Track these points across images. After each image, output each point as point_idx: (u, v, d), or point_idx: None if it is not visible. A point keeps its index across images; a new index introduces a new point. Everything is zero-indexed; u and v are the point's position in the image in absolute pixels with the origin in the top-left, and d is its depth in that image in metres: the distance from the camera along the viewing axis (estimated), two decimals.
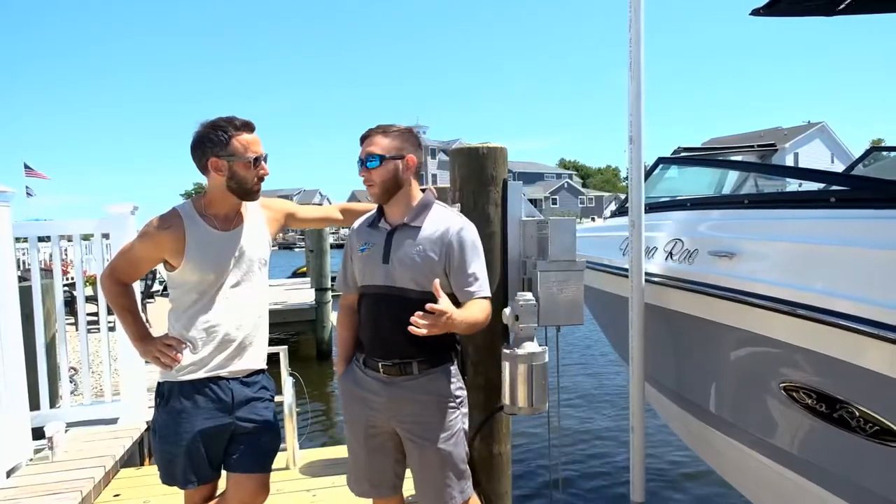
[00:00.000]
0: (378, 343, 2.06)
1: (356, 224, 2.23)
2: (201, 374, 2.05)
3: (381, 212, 2.13)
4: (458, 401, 2.12)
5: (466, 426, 2.17)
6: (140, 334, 2.09)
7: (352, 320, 2.21)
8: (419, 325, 1.73)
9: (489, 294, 2.07)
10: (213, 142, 2.00)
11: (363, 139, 2.06)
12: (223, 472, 2.16)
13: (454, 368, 2.14)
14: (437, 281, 1.85)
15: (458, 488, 2.09)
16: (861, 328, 1.77)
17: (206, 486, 2.13)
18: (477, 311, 1.98)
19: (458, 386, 2.14)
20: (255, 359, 2.16)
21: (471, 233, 2.08)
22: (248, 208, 2.20)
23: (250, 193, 2.08)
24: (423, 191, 2.15)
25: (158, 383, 2.11)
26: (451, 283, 2.04)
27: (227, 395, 2.07)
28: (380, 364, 2.04)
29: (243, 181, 2.03)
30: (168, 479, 2.09)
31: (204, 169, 2.04)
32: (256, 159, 2.03)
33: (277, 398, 3.73)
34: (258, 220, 2.23)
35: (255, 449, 2.13)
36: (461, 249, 2.03)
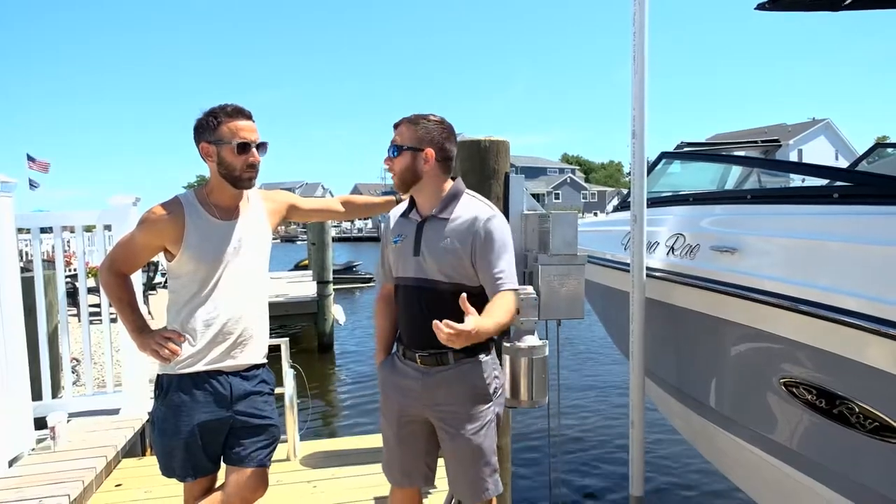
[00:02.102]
0: (414, 334, 2.06)
1: (391, 214, 2.22)
2: (200, 368, 2.03)
3: (412, 202, 2.12)
4: (491, 391, 2.09)
5: (498, 418, 2.14)
6: (138, 327, 2.07)
7: (389, 310, 2.22)
8: (442, 334, 1.65)
9: (515, 286, 1.99)
10: (203, 127, 1.99)
11: (395, 126, 2.05)
12: (223, 465, 2.16)
13: (490, 358, 2.11)
14: (463, 295, 1.76)
15: (491, 481, 2.09)
16: (863, 324, 1.77)
17: (204, 479, 2.12)
18: (502, 312, 1.88)
19: (493, 376, 2.11)
20: (254, 353, 2.14)
21: (499, 223, 2.00)
22: (249, 200, 2.18)
23: (239, 181, 2.03)
24: (453, 179, 2.09)
25: (158, 375, 2.09)
26: (477, 275, 1.99)
27: (226, 388, 2.06)
28: (417, 354, 2.06)
29: (231, 167, 2.00)
30: (167, 471, 2.09)
31: (200, 155, 2.03)
32: (244, 145, 1.98)
33: (278, 391, 3.74)
34: (259, 211, 2.21)
35: (254, 443, 2.13)
36: (488, 241, 1.96)
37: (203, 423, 2.02)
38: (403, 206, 2.19)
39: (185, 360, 2.03)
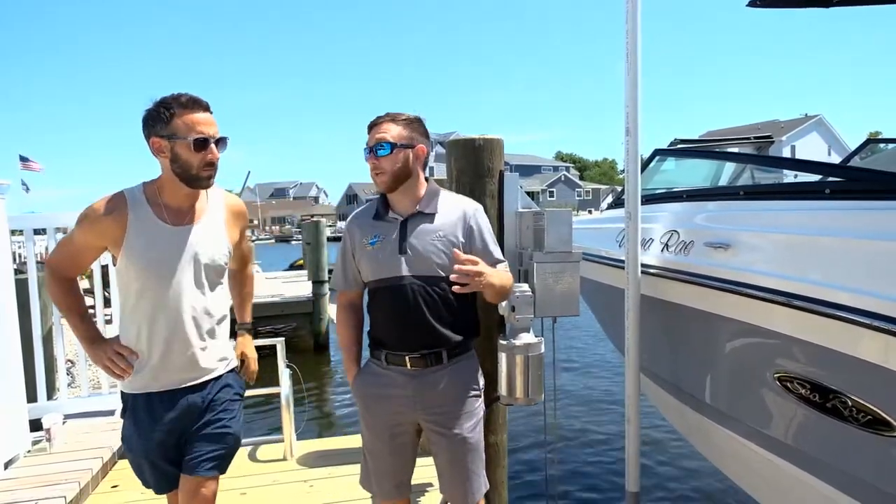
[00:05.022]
0: (405, 335, 2.00)
1: (356, 218, 2.13)
2: (154, 389, 1.90)
3: (385, 203, 2.07)
4: (480, 388, 2.15)
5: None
6: (90, 337, 1.91)
7: (356, 319, 2.17)
8: (459, 280, 1.83)
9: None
10: (155, 119, 1.78)
11: (372, 126, 2.01)
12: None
13: (474, 352, 2.18)
14: (455, 250, 1.91)
15: (483, 477, 2.11)
16: (855, 319, 1.78)
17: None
18: (505, 275, 2.08)
19: (480, 373, 2.17)
20: (210, 369, 1.98)
21: (483, 213, 2.15)
22: (208, 202, 1.96)
23: (195, 180, 1.82)
24: (426, 179, 2.13)
25: (122, 392, 1.98)
26: None
27: (184, 405, 1.92)
28: (406, 357, 2.00)
29: (186, 165, 1.79)
30: (145, 484, 2.03)
31: (151, 150, 1.82)
32: (201, 140, 1.77)
33: (274, 390, 3.74)
34: (217, 218, 1.97)
35: (207, 451, 1.98)
36: (481, 231, 2.09)
37: (162, 441, 1.91)
38: (369, 209, 2.12)
39: (138, 379, 1.89)
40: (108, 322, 4.21)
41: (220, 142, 1.84)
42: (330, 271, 11.41)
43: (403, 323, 1.99)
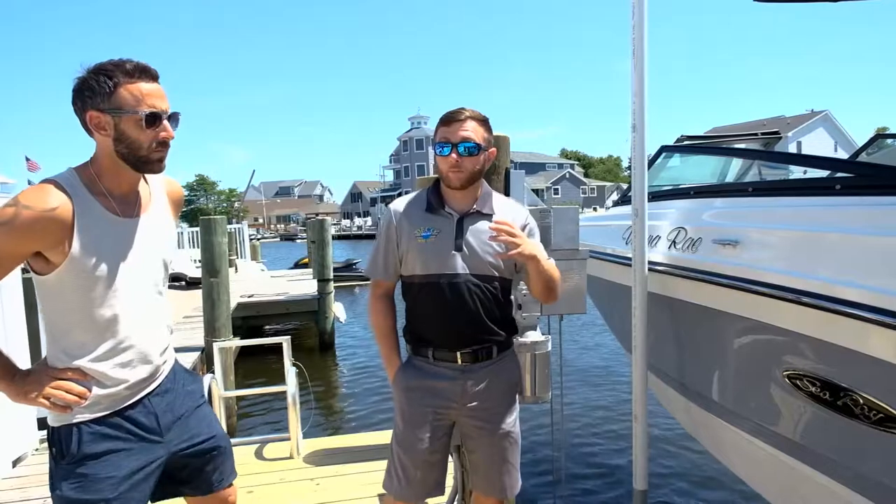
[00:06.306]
0: (457, 332, 1.98)
1: (404, 208, 2.05)
2: (117, 407, 1.55)
3: (438, 196, 2.02)
4: (518, 383, 2.18)
5: None
6: (10, 369, 1.50)
7: (392, 308, 2.14)
8: (505, 236, 1.81)
9: None
10: (93, 90, 1.45)
11: (452, 121, 1.93)
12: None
13: None
14: (495, 219, 1.92)
15: (518, 472, 2.12)
16: (865, 316, 1.77)
17: None
18: (554, 266, 2.02)
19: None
20: (167, 367, 1.71)
21: (533, 218, 2.15)
22: (152, 187, 1.68)
23: (146, 163, 1.52)
24: None
25: (52, 429, 1.53)
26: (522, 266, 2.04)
27: (151, 418, 1.61)
28: (458, 353, 1.98)
29: (135, 145, 1.48)
30: None
31: (86, 127, 1.51)
32: (153, 116, 1.48)
33: (280, 389, 3.74)
34: (162, 203, 1.71)
35: (213, 465, 1.77)
36: (534, 234, 2.10)
37: (138, 469, 1.56)
38: (419, 200, 2.05)
39: (90, 406, 1.52)
40: None
41: (173, 118, 1.56)
42: (335, 269, 11.43)
43: (456, 320, 1.97)
